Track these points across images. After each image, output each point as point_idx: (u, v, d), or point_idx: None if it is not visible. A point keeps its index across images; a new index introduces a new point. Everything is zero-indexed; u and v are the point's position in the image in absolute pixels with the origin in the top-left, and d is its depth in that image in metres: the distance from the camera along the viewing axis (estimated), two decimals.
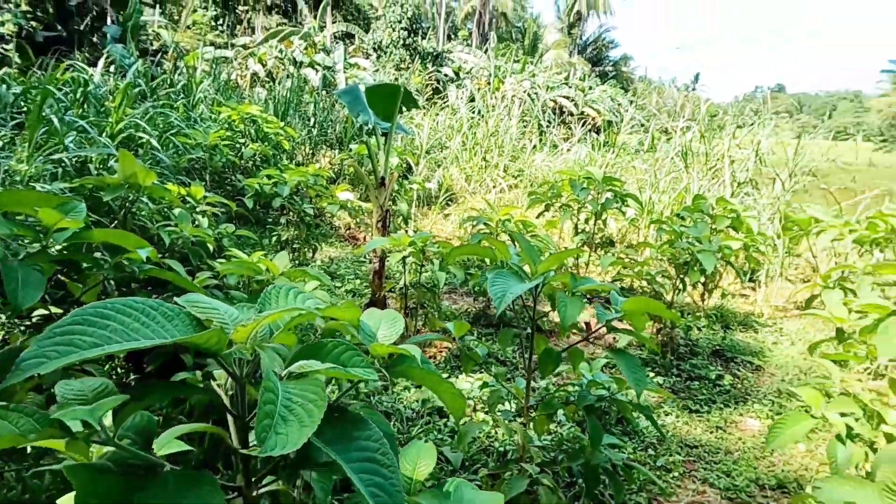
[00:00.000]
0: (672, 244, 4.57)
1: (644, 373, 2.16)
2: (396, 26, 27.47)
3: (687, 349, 4.93)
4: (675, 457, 3.38)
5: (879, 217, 4.58)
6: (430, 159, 11.35)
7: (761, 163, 8.51)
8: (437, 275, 4.01)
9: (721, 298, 6.23)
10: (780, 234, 6.43)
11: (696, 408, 4.04)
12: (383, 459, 1.01)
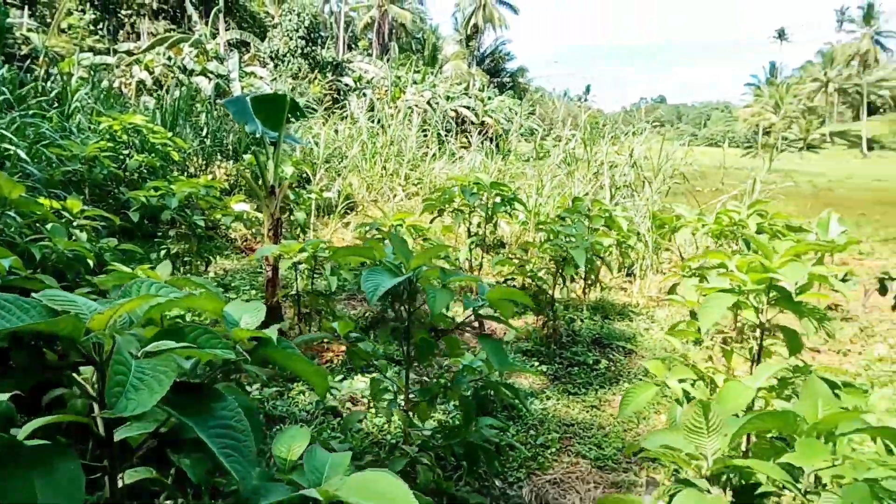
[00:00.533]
0: (551, 243, 4.96)
1: (506, 355, 2.41)
2: (294, 35, 27.06)
3: (569, 339, 5.35)
4: (553, 435, 3.70)
5: (724, 213, 5.23)
6: (329, 168, 11.36)
7: (636, 168, 9.30)
8: (329, 279, 4.11)
9: (601, 292, 6.76)
10: (651, 231, 7.09)
11: (574, 391, 4.41)
12: (238, 426, 1.14)
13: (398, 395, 2.80)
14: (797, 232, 6.12)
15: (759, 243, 2.84)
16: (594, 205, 5.92)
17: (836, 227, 6.44)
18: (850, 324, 6.35)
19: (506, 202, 6.40)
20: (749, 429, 1.79)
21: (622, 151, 9.79)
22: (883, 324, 6.21)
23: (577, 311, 6.04)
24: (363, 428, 3.53)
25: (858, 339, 5.73)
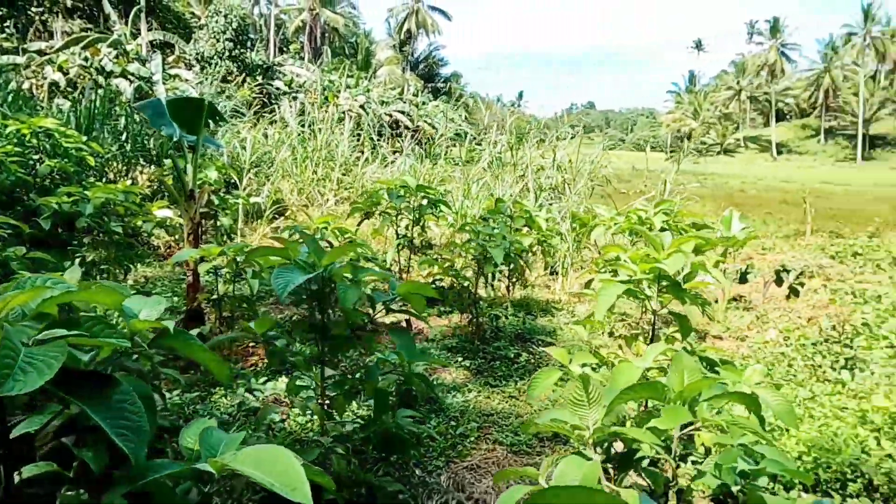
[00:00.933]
0: (473, 243, 5.16)
1: (415, 347, 2.55)
2: (221, 37, 26.37)
3: (493, 335, 5.56)
4: (473, 424, 3.88)
5: (633, 212, 5.60)
6: (259, 173, 11.20)
7: (560, 171, 9.71)
8: (251, 283, 4.13)
9: (526, 290, 7.04)
10: (571, 230, 7.45)
11: (495, 383, 4.61)
12: (131, 408, 1.22)
13: (317, 392, 2.88)
14: (701, 229, 6.60)
15: (649, 237, 3.11)
16: (515, 206, 6.18)
17: (737, 224, 6.99)
18: (749, 312, 6.90)
19: (432, 204, 6.57)
20: (624, 399, 2.00)
21: (546, 155, 10.19)
22: (776, 311, 6.78)
23: (501, 309, 6.26)
24: (285, 427, 3.57)
25: (755, 326, 6.24)
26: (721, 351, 5.36)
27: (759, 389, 2.84)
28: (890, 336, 5.05)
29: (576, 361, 3.08)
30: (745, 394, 2.09)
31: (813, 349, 4.94)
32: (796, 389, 4.09)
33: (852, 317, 5.80)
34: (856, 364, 4.50)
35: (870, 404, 3.38)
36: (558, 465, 1.94)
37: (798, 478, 2.17)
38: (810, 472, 3.13)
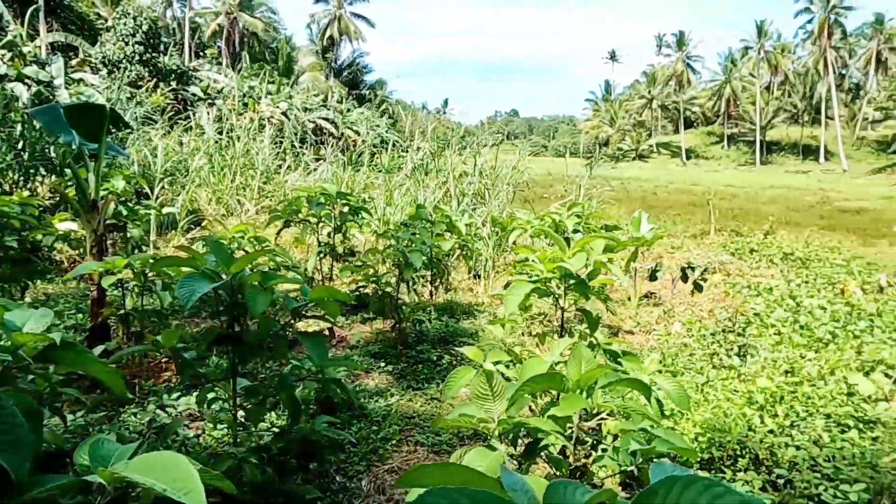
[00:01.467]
0: (393, 248, 5.21)
1: (326, 352, 2.56)
2: (130, 40, 25.07)
3: (416, 339, 5.62)
4: (395, 428, 3.91)
5: (547, 215, 5.84)
6: (173, 182, 10.75)
7: (481, 177, 9.94)
8: (161, 295, 3.99)
9: (449, 293, 7.16)
10: (491, 234, 7.65)
11: (418, 386, 4.67)
12: (14, 422, 1.19)
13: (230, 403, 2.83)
14: (612, 230, 6.96)
15: (554, 238, 3.28)
16: (436, 212, 6.28)
17: (646, 225, 7.42)
18: (658, 308, 7.33)
19: (354, 212, 6.57)
20: (525, 390, 2.11)
21: (469, 161, 10.40)
22: (682, 306, 7.25)
23: (424, 313, 6.33)
24: (200, 442, 3.47)
25: (662, 320, 6.65)
26: (629, 344, 5.69)
27: (657, 377, 3.06)
28: (777, 324, 5.53)
29: (490, 360, 3.20)
30: (637, 380, 2.26)
31: (711, 339, 5.33)
32: (695, 376, 4.41)
33: (745, 308, 6.30)
34: (747, 350, 4.90)
35: (755, 386, 3.71)
36: (465, 457, 2.02)
37: (686, 455, 2.35)
38: (705, 450, 3.39)
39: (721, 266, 9.83)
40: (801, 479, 2.90)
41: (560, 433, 2.10)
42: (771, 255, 10.62)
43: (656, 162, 67.93)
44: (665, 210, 19.60)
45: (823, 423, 3.40)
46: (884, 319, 5.78)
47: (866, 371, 4.04)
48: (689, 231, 14.82)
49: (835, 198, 27.16)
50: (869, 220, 18.21)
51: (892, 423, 3.46)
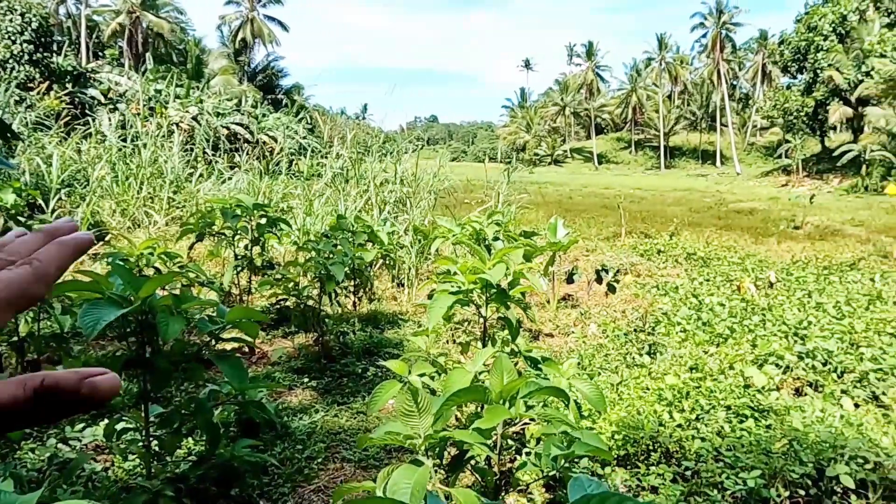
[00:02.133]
0: (313, 260, 5.11)
1: (245, 374, 2.49)
2: (18, 38, 23.11)
3: (340, 352, 5.55)
4: (320, 445, 3.85)
5: (468, 223, 5.94)
6: (72, 194, 10.01)
7: (403, 184, 9.95)
8: (60, 320, 3.71)
9: (373, 304, 7.11)
10: (415, 242, 7.68)
11: (343, 400, 4.61)
12: None
13: (142, 433, 2.68)
14: (530, 236, 7.17)
15: (474, 249, 3.35)
16: (356, 221, 6.23)
17: (561, 230, 7.70)
18: (576, 310, 7.64)
19: (272, 223, 6.39)
20: (451, 404, 2.15)
21: (389, 169, 10.38)
22: (597, 307, 7.59)
23: (348, 325, 6.27)
24: (109, 476, 3.26)
25: (580, 322, 6.93)
26: (549, 347, 5.88)
27: (575, 380, 3.19)
28: (682, 322, 5.92)
29: (415, 372, 3.22)
30: (555, 388, 2.35)
31: (624, 339, 5.62)
32: (611, 376, 4.64)
33: (654, 307, 6.69)
34: (656, 349, 5.21)
35: (664, 383, 3.96)
36: (393, 474, 2.02)
37: (603, 455, 2.48)
38: (621, 447, 3.57)
39: (632, 267, 10.39)
40: (706, 469, 3.12)
41: (485, 444, 2.15)
42: (676, 255, 11.34)
43: (571, 167, 70.70)
44: (580, 213, 20.42)
45: (724, 415, 3.68)
46: (773, 313, 6.32)
47: (759, 364, 4.41)
48: (602, 234, 15.52)
49: (730, 199, 29.33)
50: (759, 219, 19.80)
51: (783, 411, 3.80)
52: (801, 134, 45.24)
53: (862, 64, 36.99)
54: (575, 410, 3.23)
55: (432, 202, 10.09)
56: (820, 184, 39.90)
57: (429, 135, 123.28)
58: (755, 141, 64.69)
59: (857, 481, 3.13)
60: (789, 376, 4.83)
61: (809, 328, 5.72)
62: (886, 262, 10.83)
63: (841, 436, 3.51)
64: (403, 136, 12.29)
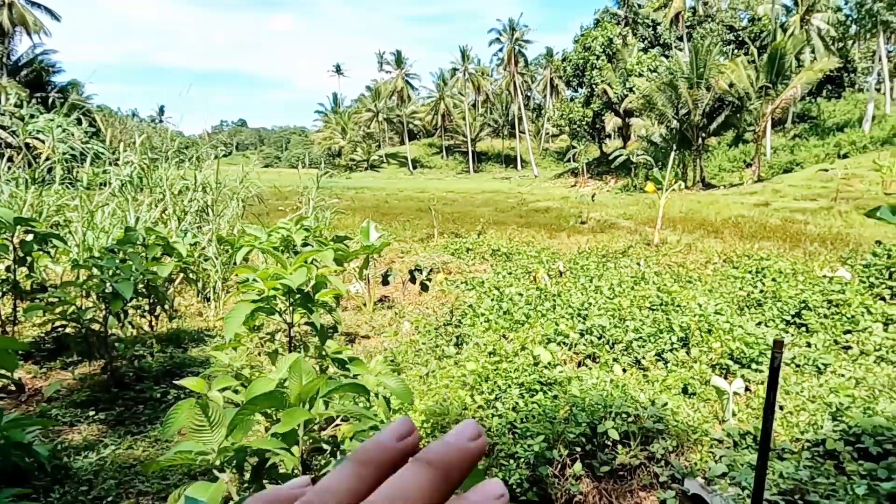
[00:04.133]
0: (95, 279, 4.57)
1: None
2: None
3: (135, 377, 5.03)
4: (111, 482, 3.47)
5: (275, 230, 5.78)
6: None
7: (205, 192, 9.30)
8: None
9: (172, 321, 6.56)
10: (220, 253, 7.24)
11: (139, 430, 4.20)
12: None
13: None
14: (342, 241, 7.21)
15: (273, 255, 3.30)
16: (149, 233, 5.70)
17: (374, 233, 7.84)
18: (391, 310, 7.85)
19: (41, 239, 5.55)
20: (246, 414, 2.10)
21: (189, 175, 9.63)
22: (411, 306, 7.89)
23: (145, 347, 5.71)
24: None
25: (395, 321, 7.14)
26: (360, 349, 5.98)
27: (383, 377, 3.30)
28: (486, 313, 6.42)
29: (216, 387, 3.07)
30: (354, 384, 2.42)
31: (435, 333, 5.93)
32: (421, 369, 4.87)
33: (462, 301, 7.15)
34: (463, 339, 5.59)
35: (466, 370, 4.27)
36: (187, 490, 1.92)
37: None
38: (430, 434, 3.78)
39: (444, 266, 10.96)
40: (502, 442, 3.45)
41: (285, 449, 2.14)
42: (483, 252, 12.23)
43: (387, 171, 72.01)
44: (396, 216, 20.94)
45: (518, 392, 4.09)
46: (562, 298, 7.14)
47: (546, 343, 4.97)
48: (417, 235, 16.11)
49: (530, 199, 32.37)
50: (553, 216, 22.16)
51: (565, 382, 4.34)
52: (584, 140, 51.54)
53: (626, 81, 43.33)
54: (383, 405, 3.35)
55: (240, 210, 9.59)
56: (600, 184, 45.85)
57: (237, 140, 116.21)
58: (549, 146, 72.13)
59: (622, 433, 3.71)
60: (573, 351, 5.53)
61: (590, 309, 6.58)
62: (649, 248, 12.86)
63: (610, 397, 4.12)
64: (204, 141, 11.47)
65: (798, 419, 4.30)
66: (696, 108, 34.03)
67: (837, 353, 5.74)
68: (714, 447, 3.85)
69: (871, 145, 33.69)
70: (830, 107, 45.70)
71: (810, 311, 6.53)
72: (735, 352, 5.29)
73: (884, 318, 6.30)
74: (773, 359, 2.49)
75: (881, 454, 3.56)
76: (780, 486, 3.28)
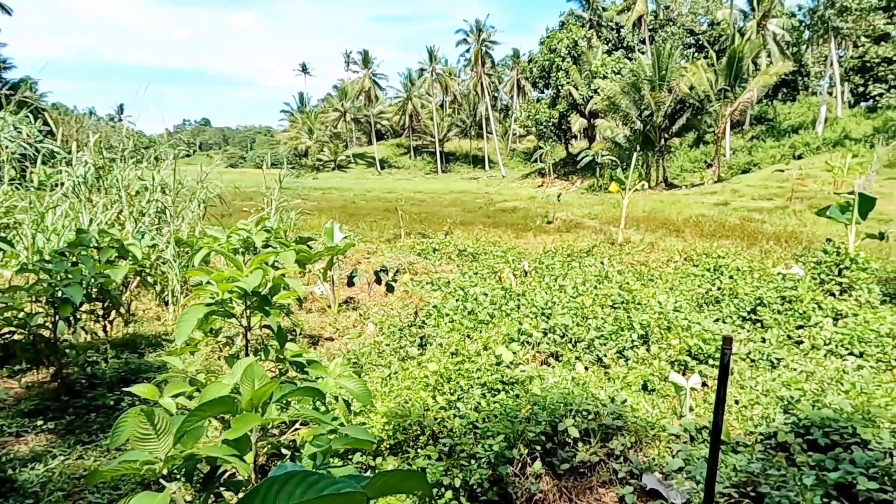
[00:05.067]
0: (43, 283, 4.40)
1: None
2: None
3: (87, 384, 4.87)
4: (58, 495, 3.34)
5: (234, 231, 5.66)
6: None
7: (165, 193, 9.05)
8: None
9: (128, 326, 6.38)
10: (179, 255, 7.06)
11: (91, 439, 4.06)
12: None
13: None
14: (305, 242, 7.11)
15: (228, 257, 3.23)
16: (102, 235, 5.53)
17: (338, 234, 7.76)
18: (356, 311, 7.78)
19: None
20: (194, 420, 2.04)
21: (147, 176, 9.37)
22: (376, 307, 7.84)
23: (98, 353, 5.53)
24: None
25: (359, 323, 7.08)
26: (328, 350, 5.91)
27: (343, 379, 3.26)
28: (450, 313, 6.41)
29: (168, 394, 2.98)
30: (309, 388, 2.39)
31: (399, 334, 5.90)
32: (384, 370, 4.84)
33: (427, 302, 7.13)
34: (426, 340, 5.58)
35: (428, 370, 4.26)
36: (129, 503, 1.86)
37: (363, 446, 2.58)
38: (392, 436, 3.75)
39: (410, 266, 10.92)
40: (463, 443, 3.45)
41: (237, 456, 2.09)
42: (449, 252, 12.23)
43: (355, 172, 71.48)
44: (363, 217, 20.79)
45: (480, 392, 4.10)
46: (527, 298, 7.19)
47: (509, 342, 4.99)
48: (384, 236, 16.02)
49: (497, 199, 32.55)
50: (520, 216, 22.33)
51: (528, 381, 4.37)
52: (550, 141, 52.11)
53: (591, 83, 43.98)
54: (343, 407, 3.30)
55: (201, 212, 9.37)
56: (567, 184, 46.44)
57: (200, 139, 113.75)
58: (516, 147, 72.67)
59: (582, 431, 3.75)
60: (537, 350, 5.57)
61: (554, 308, 6.63)
62: (613, 247, 13.07)
63: (571, 395, 4.16)
64: (163, 140, 11.18)
65: (752, 413, 4.42)
66: (658, 109, 34.76)
67: (790, 347, 5.93)
68: (671, 442, 3.93)
69: (823, 147, 34.98)
70: (786, 109, 47.31)
71: (765, 307, 6.73)
72: (693, 348, 5.41)
73: (833, 313, 6.53)
74: (723, 355, 2.55)
75: (829, 445, 3.68)
76: (733, 479, 3.37)
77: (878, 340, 5.67)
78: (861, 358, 5.52)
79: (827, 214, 8.99)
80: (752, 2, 44.95)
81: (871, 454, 3.39)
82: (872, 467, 3.26)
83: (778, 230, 15.46)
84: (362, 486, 0.93)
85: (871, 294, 7.16)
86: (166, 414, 2.04)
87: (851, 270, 7.47)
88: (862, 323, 6.08)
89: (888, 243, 10.59)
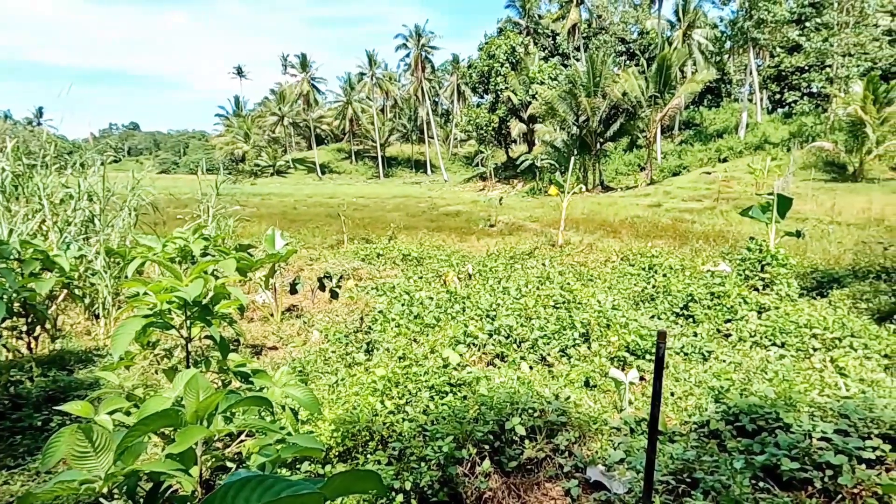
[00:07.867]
0: None
1: None
2: None
3: (12, 404, 4.58)
4: None
5: (170, 239, 5.47)
6: None
7: (92, 201, 8.62)
8: None
9: (55, 342, 6.04)
10: (110, 266, 6.74)
11: (17, 462, 3.84)
12: None
13: None
14: (245, 249, 6.94)
15: (166, 266, 3.12)
16: (24, 247, 5.21)
17: (280, 241, 7.61)
18: (300, 319, 7.66)
19: None
20: (135, 435, 1.98)
21: (71, 183, 8.89)
22: (321, 314, 7.74)
23: (23, 371, 5.20)
24: None
25: (303, 331, 6.97)
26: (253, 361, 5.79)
27: (289, 388, 3.22)
28: (396, 318, 6.42)
29: (103, 410, 2.86)
30: (255, 397, 2.35)
31: (345, 340, 5.85)
32: (330, 377, 4.79)
33: (372, 307, 7.11)
34: (373, 345, 5.56)
35: (376, 376, 4.26)
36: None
37: (312, 454, 2.56)
38: (341, 443, 3.73)
39: (354, 272, 10.84)
40: (412, 446, 3.47)
41: (182, 470, 2.04)
42: (394, 257, 12.21)
43: (295, 177, 70.11)
44: (305, 223, 20.43)
45: (428, 395, 4.13)
46: (472, 300, 7.29)
47: (455, 344, 5.05)
48: (326, 242, 15.80)
49: (440, 203, 32.72)
50: (463, 220, 22.54)
51: (475, 382, 4.44)
52: (490, 146, 52.89)
53: (529, 88, 44.94)
54: (291, 416, 3.26)
55: (132, 220, 8.97)
56: (508, 188, 47.22)
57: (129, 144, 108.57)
58: (458, 151, 73.29)
59: (528, 428, 3.85)
60: (483, 352, 5.66)
61: (498, 309, 6.76)
62: (553, 249, 13.41)
63: (517, 394, 4.26)
64: (89, 145, 10.64)
65: (686, 404, 4.65)
66: (593, 115, 35.94)
67: (719, 340, 6.27)
68: (613, 435, 4.09)
69: (746, 150, 37.12)
70: (711, 115, 49.94)
71: (696, 303, 7.09)
72: (631, 344, 5.64)
73: (757, 306, 6.95)
74: (658, 350, 2.69)
75: (756, 430, 3.93)
76: (671, 467, 3.54)
77: (797, 331, 6.09)
78: (783, 348, 5.91)
79: (749, 214, 9.57)
80: (678, 13, 47.27)
81: (792, 437, 3.64)
82: (794, 449, 3.51)
83: (707, 230, 16.28)
84: (318, 487, 0.95)
85: (791, 288, 7.67)
86: (105, 430, 1.97)
87: (773, 266, 7.98)
88: (783, 315, 6.51)
89: (804, 241, 11.37)
